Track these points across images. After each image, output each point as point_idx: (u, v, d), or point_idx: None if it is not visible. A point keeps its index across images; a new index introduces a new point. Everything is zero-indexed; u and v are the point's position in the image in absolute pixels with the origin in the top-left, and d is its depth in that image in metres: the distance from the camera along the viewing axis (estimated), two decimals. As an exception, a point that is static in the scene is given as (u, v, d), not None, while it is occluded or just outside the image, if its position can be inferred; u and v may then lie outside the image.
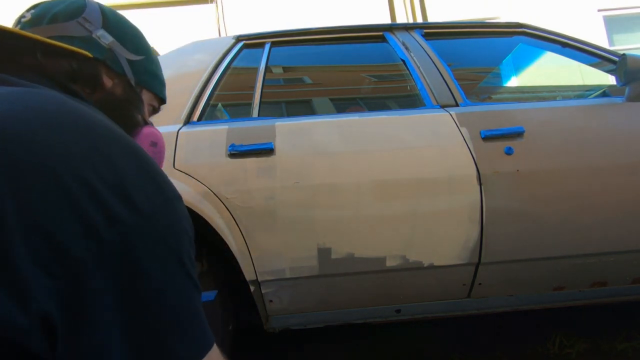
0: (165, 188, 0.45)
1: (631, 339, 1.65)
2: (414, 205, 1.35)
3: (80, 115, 0.44)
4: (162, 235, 0.43)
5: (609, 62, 1.69)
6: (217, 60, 1.68)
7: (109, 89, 0.60)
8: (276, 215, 1.32)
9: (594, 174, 1.38)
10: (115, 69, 0.61)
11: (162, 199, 0.44)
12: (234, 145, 1.38)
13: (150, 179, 0.44)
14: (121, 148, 0.44)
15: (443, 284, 1.42)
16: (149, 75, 0.67)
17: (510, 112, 1.48)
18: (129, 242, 0.39)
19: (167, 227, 0.43)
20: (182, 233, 0.45)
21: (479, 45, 2.00)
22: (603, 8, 6.15)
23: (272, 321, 1.42)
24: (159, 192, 0.44)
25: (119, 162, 0.42)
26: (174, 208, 0.45)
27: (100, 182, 0.39)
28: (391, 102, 2.08)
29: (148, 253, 0.41)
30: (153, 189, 0.44)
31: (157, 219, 0.42)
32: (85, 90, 0.57)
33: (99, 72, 0.59)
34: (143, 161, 0.45)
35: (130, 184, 0.41)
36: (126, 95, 0.62)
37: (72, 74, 0.56)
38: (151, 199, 0.43)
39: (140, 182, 0.43)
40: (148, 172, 0.45)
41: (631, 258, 1.43)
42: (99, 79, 0.59)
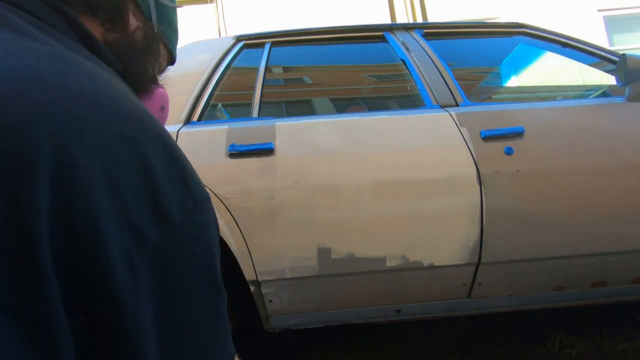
0: (195, 189, 0.38)
1: (631, 339, 1.65)
2: (414, 205, 1.35)
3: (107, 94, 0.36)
4: (194, 247, 0.37)
5: (609, 62, 1.68)
6: (217, 60, 1.68)
7: (131, 30, 0.51)
8: (276, 216, 1.32)
9: (594, 174, 1.38)
10: (143, 9, 0.52)
11: (193, 204, 0.37)
12: (234, 145, 1.38)
13: (181, 178, 0.37)
14: (152, 142, 0.36)
15: (443, 284, 1.42)
16: (171, 28, 0.60)
17: (510, 112, 1.48)
18: (158, 260, 0.34)
19: (198, 236, 0.38)
20: (212, 240, 0.40)
21: (479, 45, 2.00)
22: (603, 8, 6.14)
23: (272, 321, 1.42)
24: (190, 196, 0.37)
25: (151, 163, 0.35)
26: (206, 212, 0.39)
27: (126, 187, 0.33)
28: (391, 102, 2.08)
29: (179, 269, 0.35)
30: (185, 192, 0.37)
31: (189, 228, 0.36)
32: (105, 25, 0.48)
33: (126, 7, 0.50)
34: (172, 153, 0.37)
35: (160, 186, 0.34)
36: (147, 43, 0.53)
37: (94, 4, 0.46)
38: (183, 205, 0.36)
39: (170, 182, 0.36)
40: (178, 168, 0.37)
41: (631, 258, 1.43)
42: (125, 15, 0.50)
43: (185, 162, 0.39)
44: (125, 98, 0.38)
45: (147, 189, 0.34)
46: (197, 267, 0.37)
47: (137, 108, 0.38)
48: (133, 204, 0.33)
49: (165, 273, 0.34)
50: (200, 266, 0.38)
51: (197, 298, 0.37)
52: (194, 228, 0.37)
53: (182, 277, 0.36)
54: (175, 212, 0.35)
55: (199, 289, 0.38)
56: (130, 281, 0.32)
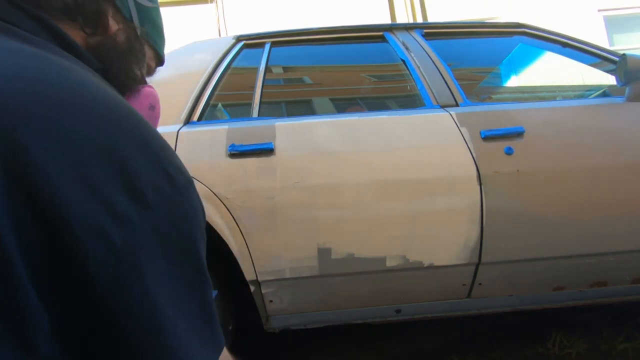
0: (173, 173, 0.39)
1: (631, 339, 1.65)
2: (414, 205, 1.35)
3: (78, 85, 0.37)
4: (174, 231, 0.37)
5: (609, 62, 1.68)
6: (217, 60, 1.68)
7: (112, 33, 0.51)
8: (276, 215, 1.32)
9: (594, 174, 1.38)
10: (123, 12, 0.53)
11: (171, 188, 0.38)
12: (234, 145, 1.38)
13: (157, 161, 0.38)
14: (122, 125, 0.37)
15: (443, 284, 1.42)
16: (155, 28, 0.59)
17: (510, 112, 1.48)
18: (137, 242, 0.34)
19: (179, 220, 0.38)
20: (194, 225, 0.40)
21: (479, 45, 2.00)
22: (603, 8, 6.14)
23: (272, 321, 1.42)
24: (167, 180, 0.38)
25: (121, 145, 0.35)
26: (186, 197, 0.39)
27: (102, 173, 0.33)
28: (391, 102, 2.08)
29: (157, 252, 0.35)
30: (161, 176, 0.37)
31: (166, 211, 0.37)
32: (85, 29, 0.49)
33: (105, 10, 0.50)
34: (147, 138, 0.38)
35: (133, 168, 0.35)
36: (130, 44, 0.54)
37: (73, 9, 0.47)
38: (159, 188, 0.36)
39: (146, 165, 0.36)
40: (154, 152, 0.38)
41: (631, 258, 1.43)
42: (104, 19, 0.50)
43: (164, 148, 0.39)
44: (98, 88, 0.38)
45: (118, 170, 0.34)
46: (179, 252, 0.37)
47: (112, 98, 0.38)
48: (103, 183, 0.33)
49: (147, 256, 0.34)
50: (182, 251, 0.38)
51: (180, 284, 0.37)
52: (173, 212, 0.37)
53: (163, 261, 0.35)
54: (151, 194, 0.35)
55: (181, 275, 0.37)
56: (106, 260, 0.32)
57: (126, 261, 0.33)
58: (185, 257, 0.38)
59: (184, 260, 0.38)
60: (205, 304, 0.40)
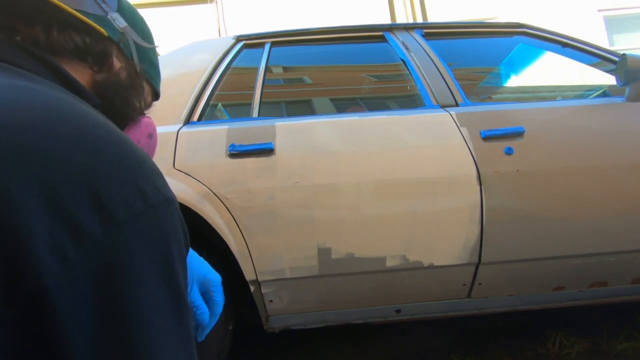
0: (148, 191, 0.38)
1: (631, 339, 1.65)
2: (414, 205, 1.35)
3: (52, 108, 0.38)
4: (147, 248, 0.36)
5: (609, 62, 1.68)
6: (217, 60, 1.68)
7: (116, 70, 0.58)
8: (276, 215, 1.32)
9: (594, 174, 1.38)
10: (125, 52, 0.59)
11: (144, 204, 0.37)
12: (234, 145, 1.38)
13: (131, 178, 0.38)
14: (97, 144, 0.37)
15: (443, 284, 1.42)
16: (152, 67, 0.67)
17: (510, 112, 1.48)
18: (96, 258, 0.33)
19: (153, 238, 0.37)
20: (169, 243, 0.39)
21: (479, 45, 2.00)
22: (603, 8, 6.14)
23: (272, 321, 1.42)
24: (140, 196, 0.37)
25: (93, 163, 0.36)
26: (161, 215, 0.39)
27: (67, 190, 0.33)
28: (391, 102, 2.08)
29: (130, 271, 0.35)
30: (134, 192, 0.37)
31: (137, 228, 0.36)
32: (92, 68, 0.55)
33: (110, 52, 0.57)
34: (123, 156, 0.39)
35: (101, 183, 0.35)
36: (131, 80, 0.61)
37: (83, 49, 0.53)
38: (130, 204, 0.36)
39: (117, 182, 0.36)
40: (128, 169, 0.38)
41: (631, 258, 1.43)
42: (110, 58, 0.57)
43: (142, 167, 0.40)
44: (85, 113, 0.40)
45: (85, 185, 0.34)
46: (154, 271, 0.37)
47: (93, 120, 0.40)
48: (67, 198, 0.33)
49: (113, 273, 0.34)
50: (157, 270, 0.37)
51: (153, 304, 0.36)
52: (146, 228, 0.37)
53: (133, 280, 0.35)
54: (121, 210, 0.35)
55: (155, 296, 0.37)
56: (61, 273, 0.31)
57: (82, 276, 0.32)
58: (161, 277, 0.37)
59: (160, 281, 0.37)
60: (181, 326, 0.39)
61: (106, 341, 0.34)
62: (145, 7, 6.18)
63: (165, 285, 0.38)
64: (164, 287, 0.38)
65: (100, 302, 0.33)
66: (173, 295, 0.39)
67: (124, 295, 0.34)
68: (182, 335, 0.39)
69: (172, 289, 0.38)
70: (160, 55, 2.01)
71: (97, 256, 0.33)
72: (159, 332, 0.36)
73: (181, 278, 0.40)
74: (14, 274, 0.31)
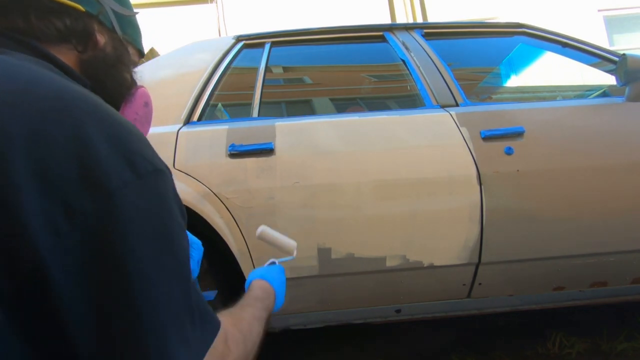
0: (137, 160, 0.40)
1: (631, 339, 1.65)
2: (414, 205, 1.35)
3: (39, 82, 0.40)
4: (143, 214, 0.38)
5: (609, 62, 1.68)
6: (217, 60, 1.68)
7: (102, 46, 0.58)
8: (276, 215, 1.32)
9: (594, 174, 1.38)
10: (106, 24, 0.59)
11: (132, 174, 0.39)
12: (234, 145, 1.38)
13: (121, 150, 0.39)
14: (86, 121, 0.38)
15: (443, 284, 1.42)
16: (134, 29, 0.66)
17: (510, 112, 1.48)
18: (90, 228, 0.35)
19: (148, 204, 0.39)
20: (164, 209, 0.41)
21: (479, 45, 2.00)
22: (603, 8, 6.14)
23: (272, 321, 1.42)
24: (129, 167, 0.39)
25: (84, 139, 0.37)
26: (153, 182, 0.41)
27: (60, 168, 0.35)
28: (391, 102, 2.08)
29: (118, 239, 0.36)
30: (122, 163, 0.39)
31: (129, 198, 0.37)
32: (77, 48, 0.55)
33: (91, 28, 0.56)
34: (111, 130, 0.40)
35: (92, 158, 0.37)
36: (117, 53, 0.60)
37: (65, 33, 0.53)
38: (120, 174, 0.38)
39: (107, 154, 0.38)
40: (118, 142, 0.40)
41: (631, 258, 1.43)
42: (92, 36, 0.57)
43: (128, 137, 0.41)
44: (73, 88, 0.41)
45: (73, 159, 0.36)
46: (146, 237, 0.38)
47: (86, 96, 0.41)
48: (57, 174, 0.35)
49: (107, 241, 0.36)
50: (149, 236, 0.38)
51: (149, 268, 0.37)
52: (136, 198, 0.38)
53: (127, 247, 0.36)
54: (110, 181, 0.37)
55: (157, 259, 0.38)
56: (56, 247, 0.33)
57: (77, 247, 0.34)
58: (160, 241, 0.39)
59: (151, 244, 0.38)
60: (183, 291, 0.41)
61: (106, 307, 0.35)
62: (146, 7, 6.18)
63: (163, 248, 0.39)
64: (163, 249, 0.39)
65: (97, 269, 0.35)
66: (171, 258, 0.40)
67: (119, 263, 0.36)
68: (186, 305, 0.41)
69: (170, 252, 0.40)
70: (160, 55, 2.02)
71: (89, 227, 0.35)
72: (158, 293, 0.38)
73: (179, 240, 0.41)
74: (11, 250, 0.33)
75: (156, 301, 0.38)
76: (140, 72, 0.70)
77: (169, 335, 0.38)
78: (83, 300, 0.35)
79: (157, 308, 0.38)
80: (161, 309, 0.38)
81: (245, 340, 0.56)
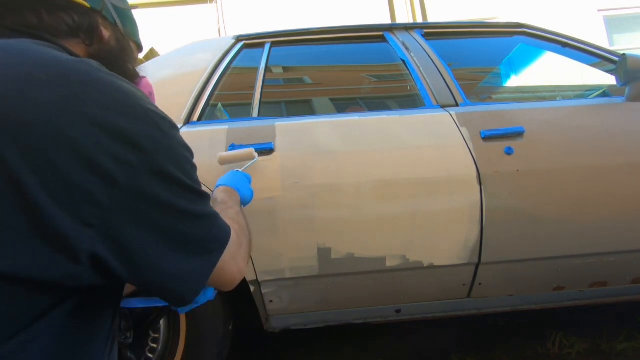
0: (160, 122, 0.51)
1: (631, 339, 1.65)
2: (413, 205, 1.35)
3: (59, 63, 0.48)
4: (166, 164, 0.50)
5: (609, 62, 1.68)
6: (217, 60, 1.68)
7: (106, 40, 0.64)
8: (276, 215, 1.32)
9: (594, 174, 1.38)
10: (109, 19, 0.64)
11: (160, 133, 0.51)
12: (234, 145, 1.38)
13: (144, 115, 0.50)
14: (105, 90, 0.48)
15: (443, 284, 1.42)
16: (132, 24, 0.71)
17: (510, 112, 1.48)
18: (139, 180, 0.47)
19: (169, 156, 0.51)
20: (182, 158, 0.55)
21: (479, 45, 2.00)
22: (603, 8, 6.14)
23: (272, 321, 1.42)
24: (156, 128, 0.50)
25: (109, 106, 0.47)
26: (173, 138, 0.53)
27: (99, 131, 0.45)
28: (391, 102, 2.08)
29: (156, 183, 0.49)
30: (150, 125, 0.50)
31: (158, 152, 0.50)
32: (85, 42, 0.61)
33: (96, 22, 0.62)
34: (132, 99, 0.50)
35: (126, 125, 0.47)
36: (120, 45, 0.66)
37: (74, 28, 0.59)
38: (150, 134, 0.49)
39: (136, 120, 0.48)
40: (141, 109, 0.50)
41: (631, 258, 1.43)
42: (98, 30, 0.62)
43: (148, 104, 0.52)
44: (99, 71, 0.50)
45: (118, 135, 0.47)
46: (171, 173, 0.52)
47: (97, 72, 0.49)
48: (109, 145, 0.46)
49: (144, 182, 0.48)
50: (173, 173, 0.52)
51: (173, 195, 0.52)
52: (167, 150, 0.52)
53: (158, 182, 0.50)
54: (147, 142, 0.49)
55: (182, 195, 0.53)
56: (117, 194, 0.46)
57: (130, 192, 0.47)
58: (176, 181, 0.52)
59: (177, 185, 0.52)
60: (201, 215, 0.57)
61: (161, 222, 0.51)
62: (146, 7, 6.18)
63: (182, 188, 0.54)
64: (181, 189, 0.54)
65: (149, 204, 0.49)
66: (188, 189, 0.55)
67: (160, 200, 0.50)
68: (201, 224, 0.57)
69: (189, 189, 0.55)
70: (160, 55, 2.02)
71: (134, 176, 0.47)
72: (174, 229, 0.53)
73: (192, 178, 0.57)
74: (87, 200, 0.45)
75: (190, 231, 0.55)
76: (143, 68, 0.75)
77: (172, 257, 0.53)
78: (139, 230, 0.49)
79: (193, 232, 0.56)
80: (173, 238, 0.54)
81: (243, 229, 0.76)
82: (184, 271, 0.53)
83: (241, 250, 0.68)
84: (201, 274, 0.55)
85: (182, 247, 0.52)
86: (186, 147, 0.56)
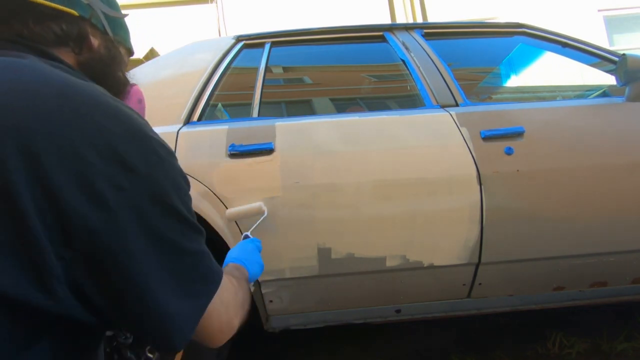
0: (159, 149, 0.51)
1: (631, 339, 1.65)
2: (414, 205, 1.35)
3: (66, 84, 0.48)
4: (160, 191, 0.49)
5: (609, 62, 1.68)
6: (217, 60, 1.68)
7: (96, 48, 0.63)
8: (276, 215, 1.32)
9: (594, 174, 1.38)
10: (98, 27, 0.63)
11: (156, 158, 0.50)
12: (234, 145, 1.38)
13: (142, 140, 0.49)
14: (108, 113, 0.48)
15: (443, 284, 1.42)
16: (123, 30, 0.70)
17: (510, 112, 1.48)
18: (131, 204, 0.46)
19: (164, 183, 0.50)
20: (179, 186, 0.52)
21: (479, 45, 2.00)
22: (603, 8, 6.14)
23: (272, 321, 1.42)
24: (152, 153, 0.50)
25: (110, 129, 0.47)
26: (170, 165, 0.52)
27: (96, 153, 0.45)
28: (391, 102, 2.08)
29: (148, 209, 0.47)
30: (147, 151, 0.49)
31: (153, 177, 0.48)
32: (74, 50, 0.60)
33: (85, 31, 0.61)
34: (133, 124, 0.50)
35: (124, 149, 0.47)
36: (111, 53, 0.65)
37: (62, 37, 0.58)
38: (147, 159, 0.48)
39: (134, 145, 0.48)
40: (140, 134, 0.50)
41: (631, 258, 1.43)
42: (87, 38, 0.61)
43: (145, 128, 0.51)
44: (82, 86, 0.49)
45: (112, 156, 0.46)
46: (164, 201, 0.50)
47: (94, 94, 0.49)
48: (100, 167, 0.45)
49: (137, 206, 0.47)
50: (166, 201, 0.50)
51: (167, 235, 0.49)
52: (160, 175, 0.50)
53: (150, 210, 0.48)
54: (142, 165, 0.48)
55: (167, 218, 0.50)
56: (108, 217, 0.44)
57: (123, 214, 0.45)
58: (169, 208, 0.50)
59: (170, 212, 0.50)
60: (191, 251, 0.52)
61: (131, 271, 0.46)
62: (146, 7, 6.18)
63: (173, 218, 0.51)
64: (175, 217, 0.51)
65: (138, 232, 0.47)
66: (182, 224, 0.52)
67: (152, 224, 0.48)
68: (193, 262, 0.53)
69: (181, 219, 0.51)
70: (160, 55, 2.02)
71: (126, 202, 0.46)
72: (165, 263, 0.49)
73: (186, 209, 0.53)
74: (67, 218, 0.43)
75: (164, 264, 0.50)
76: (139, 72, 0.74)
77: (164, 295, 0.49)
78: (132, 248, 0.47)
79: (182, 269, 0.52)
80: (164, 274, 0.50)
81: (242, 285, 0.71)
82: (171, 310, 0.48)
83: (236, 300, 0.62)
84: (191, 314, 0.51)
85: (170, 283, 0.49)
86: (183, 176, 0.54)
